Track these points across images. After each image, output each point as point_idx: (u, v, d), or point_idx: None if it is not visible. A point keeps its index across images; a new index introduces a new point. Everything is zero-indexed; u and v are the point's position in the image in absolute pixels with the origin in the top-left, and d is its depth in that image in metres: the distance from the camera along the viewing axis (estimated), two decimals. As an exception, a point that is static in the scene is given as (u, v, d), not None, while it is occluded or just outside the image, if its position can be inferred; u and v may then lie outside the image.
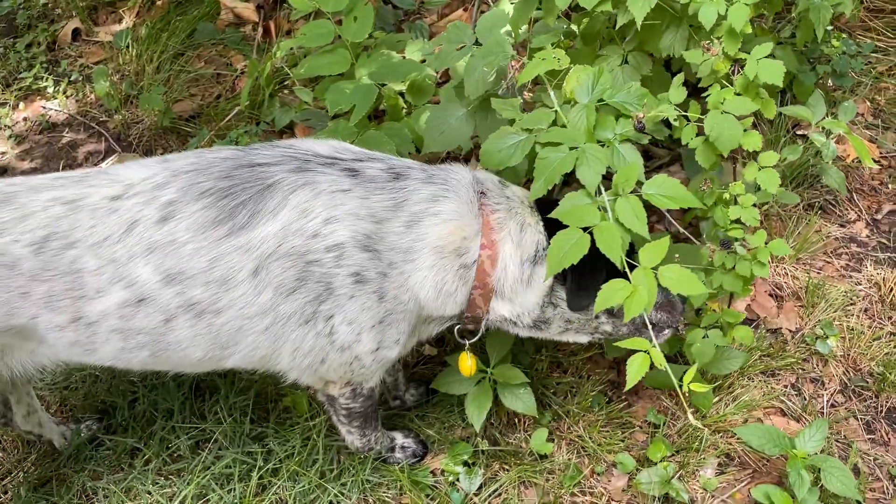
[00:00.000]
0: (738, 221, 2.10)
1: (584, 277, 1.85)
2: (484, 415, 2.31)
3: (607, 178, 1.87)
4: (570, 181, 2.06)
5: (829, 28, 3.19)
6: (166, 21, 4.23)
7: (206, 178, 1.79)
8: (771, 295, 2.87)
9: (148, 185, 1.79)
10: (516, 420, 2.54)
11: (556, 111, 1.94)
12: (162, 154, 3.65)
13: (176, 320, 1.80)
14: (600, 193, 1.80)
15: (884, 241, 3.04)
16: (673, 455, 2.44)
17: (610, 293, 1.68)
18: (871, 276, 2.89)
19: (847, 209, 3.15)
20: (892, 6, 3.80)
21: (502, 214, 1.90)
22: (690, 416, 1.83)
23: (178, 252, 1.74)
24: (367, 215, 1.79)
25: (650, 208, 1.86)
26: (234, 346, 1.88)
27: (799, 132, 3.24)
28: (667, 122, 2.05)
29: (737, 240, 2.13)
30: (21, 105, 4.01)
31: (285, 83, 3.70)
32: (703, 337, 2.24)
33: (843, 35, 3.33)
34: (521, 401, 2.34)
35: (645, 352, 1.72)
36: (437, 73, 3.02)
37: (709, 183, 2.17)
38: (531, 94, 2.43)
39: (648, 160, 3.27)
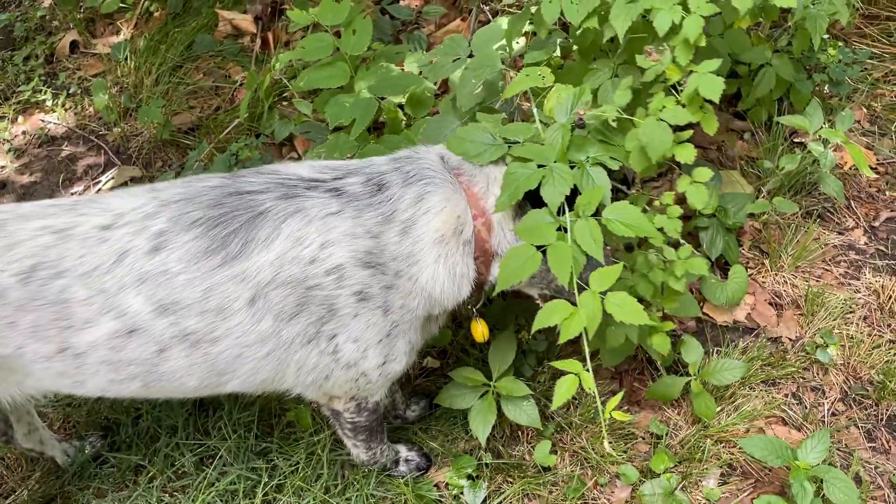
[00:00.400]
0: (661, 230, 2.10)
1: None
2: (488, 428, 2.32)
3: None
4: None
5: (826, 36, 3.22)
6: (164, 33, 4.23)
7: (195, 207, 1.79)
8: (771, 303, 2.88)
9: (138, 215, 1.79)
10: (519, 433, 2.55)
11: (536, 127, 1.96)
12: (161, 167, 3.69)
13: (170, 350, 1.79)
14: (563, 213, 1.82)
15: (882, 248, 3.05)
16: (676, 466, 2.45)
17: (549, 314, 1.74)
18: (870, 283, 2.91)
19: (845, 217, 3.17)
20: (888, 13, 3.82)
21: (482, 184, 1.92)
22: (606, 444, 1.94)
23: (170, 282, 1.74)
24: (364, 233, 1.81)
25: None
26: (233, 372, 1.89)
27: (797, 140, 3.26)
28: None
29: (652, 248, 2.14)
30: (20, 118, 4.02)
31: (284, 95, 3.71)
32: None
33: (840, 43, 3.35)
34: (525, 413, 2.35)
35: (576, 374, 1.81)
36: (436, 85, 3.04)
37: (639, 188, 2.19)
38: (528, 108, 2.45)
39: (647, 169, 3.28)
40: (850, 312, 2.82)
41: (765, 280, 2.94)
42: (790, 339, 2.77)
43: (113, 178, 3.67)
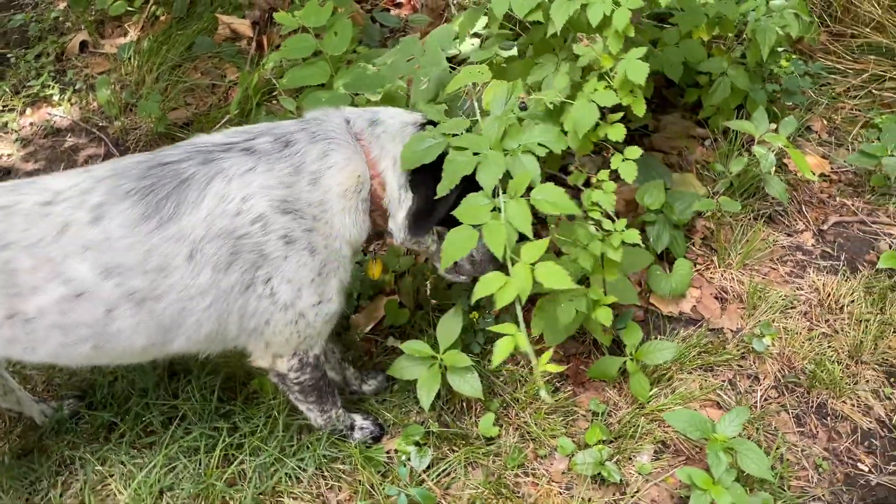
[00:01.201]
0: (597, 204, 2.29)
1: (424, 209, 2.15)
2: (432, 395, 2.48)
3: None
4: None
5: (781, 49, 3.40)
6: (167, 35, 4.49)
7: (126, 180, 1.95)
8: (716, 297, 3.04)
9: (75, 192, 1.94)
10: (468, 407, 2.71)
11: (476, 120, 2.15)
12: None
13: (118, 310, 1.94)
14: (497, 195, 2.00)
15: (828, 250, 3.21)
16: (613, 441, 2.61)
17: (485, 285, 1.92)
18: (813, 282, 3.06)
19: (796, 220, 3.32)
20: (852, 31, 3.99)
21: (377, 151, 2.14)
22: (543, 393, 2.13)
23: (113, 247, 1.90)
24: (277, 183, 1.99)
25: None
26: (178, 328, 2.03)
27: (753, 147, 3.42)
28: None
29: (592, 220, 2.31)
30: (28, 111, 4.26)
31: (274, 93, 3.93)
32: (568, 300, 2.39)
33: (793, 56, 3.52)
34: (469, 384, 2.51)
35: (511, 335, 1.97)
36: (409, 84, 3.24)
37: (578, 166, 2.36)
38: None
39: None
40: (791, 308, 2.98)
41: (713, 276, 3.10)
42: (731, 331, 2.92)
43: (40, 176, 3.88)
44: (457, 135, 2.12)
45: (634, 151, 2.26)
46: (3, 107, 4.28)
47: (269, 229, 1.99)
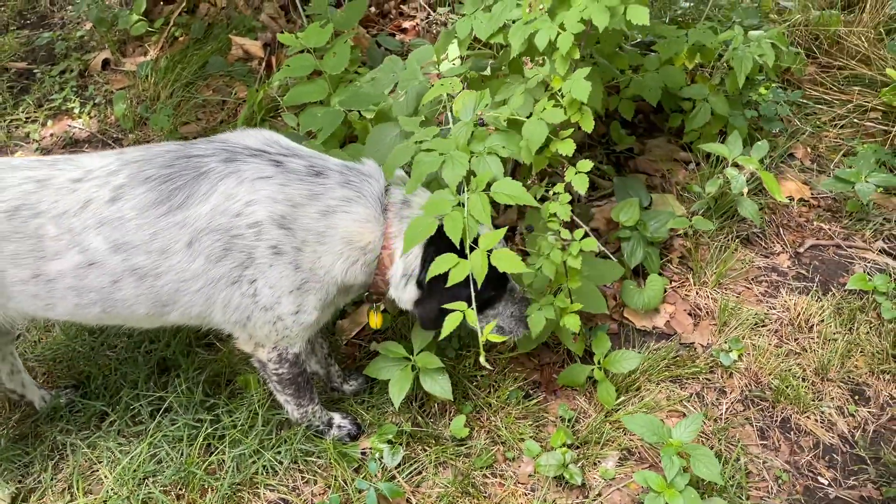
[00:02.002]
0: (554, 216, 2.41)
1: (429, 313, 2.33)
2: (403, 394, 2.59)
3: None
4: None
5: (761, 77, 3.52)
6: (184, 54, 4.73)
7: (150, 166, 2.14)
8: (690, 314, 3.13)
9: (104, 172, 2.14)
10: (442, 410, 2.82)
11: (443, 128, 2.31)
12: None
13: (122, 281, 2.15)
14: (461, 192, 2.14)
15: (803, 271, 3.29)
16: (579, 447, 2.70)
17: (440, 264, 2.07)
18: (785, 301, 3.14)
19: (773, 242, 3.42)
20: (839, 63, 4.11)
21: (396, 231, 2.25)
22: (482, 359, 2.26)
23: (124, 226, 2.09)
24: (284, 199, 2.12)
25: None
26: (173, 304, 2.22)
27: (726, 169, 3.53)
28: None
29: (552, 231, 2.42)
30: (49, 122, 4.50)
31: (279, 110, 4.12)
32: (538, 310, 2.48)
33: (773, 84, 3.63)
34: (439, 385, 2.62)
35: (461, 311, 2.15)
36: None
37: (535, 181, 2.48)
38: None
39: (594, 189, 3.59)
40: (762, 325, 3.06)
41: (688, 293, 3.20)
42: (702, 346, 3.01)
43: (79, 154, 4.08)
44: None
45: (586, 164, 2.38)
46: (27, 118, 4.52)
47: (262, 237, 2.12)
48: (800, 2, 4.53)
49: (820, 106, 4.00)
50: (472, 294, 2.16)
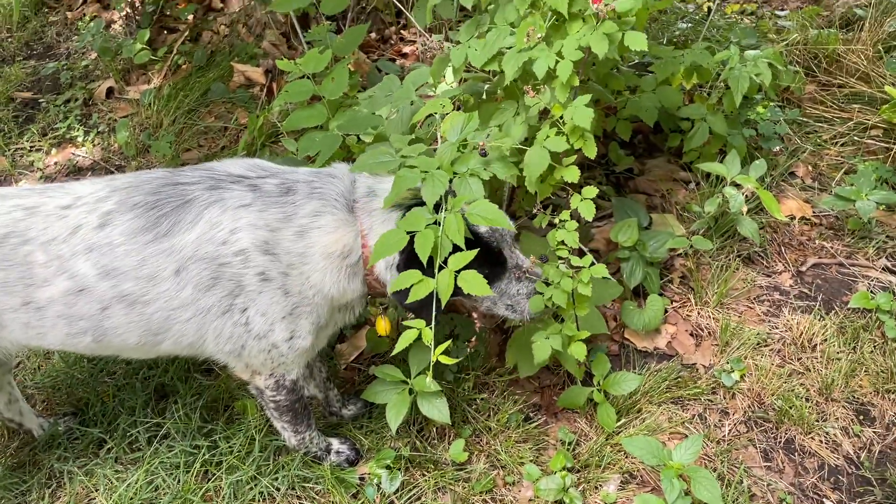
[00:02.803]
0: (563, 243, 2.37)
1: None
2: (400, 418, 2.57)
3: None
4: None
5: (759, 96, 3.52)
6: (187, 82, 4.78)
7: (138, 193, 2.14)
8: (692, 334, 3.10)
9: (93, 198, 2.15)
10: (441, 434, 2.79)
11: (429, 148, 2.30)
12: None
13: (112, 308, 2.13)
14: (439, 211, 2.12)
15: (805, 290, 3.26)
16: (580, 471, 2.66)
17: (403, 280, 2.07)
18: (788, 321, 3.11)
19: (775, 261, 3.39)
20: (839, 81, 4.10)
21: (367, 225, 2.19)
22: (428, 380, 2.26)
23: (113, 252, 2.09)
24: (264, 225, 2.10)
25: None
26: (165, 332, 2.20)
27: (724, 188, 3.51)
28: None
29: (561, 258, 2.38)
30: (53, 151, 4.54)
31: (279, 135, 4.15)
32: (545, 338, 2.46)
33: (771, 103, 3.63)
34: (437, 409, 2.59)
35: (418, 328, 2.15)
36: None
37: (539, 209, 2.47)
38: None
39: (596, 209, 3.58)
40: (764, 345, 3.03)
41: (689, 313, 3.17)
42: (704, 366, 2.98)
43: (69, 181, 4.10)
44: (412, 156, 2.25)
45: (591, 191, 2.37)
46: (31, 147, 4.57)
47: (248, 264, 2.11)
48: (798, 21, 4.55)
49: (820, 124, 3.98)
50: (433, 310, 2.12)
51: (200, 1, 5.44)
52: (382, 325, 2.53)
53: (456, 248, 2.08)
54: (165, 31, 5.33)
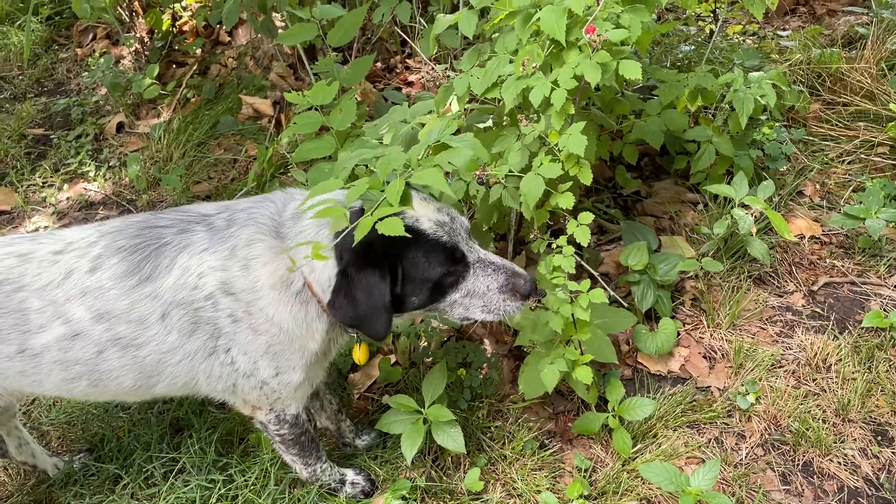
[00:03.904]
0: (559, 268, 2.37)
1: (363, 326, 2.04)
2: (415, 449, 2.56)
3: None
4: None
5: (764, 117, 3.54)
6: (196, 115, 4.84)
7: (122, 237, 2.13)
8: (705, 357, 3.09)
9: (83, 243, 2.14)
10: (456, 463, 2.78)
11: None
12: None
13: (107, 352, 2.11)
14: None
15: (818, 310, 3.25)
16: (596, 498, 2.64)
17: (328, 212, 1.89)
18: (801, 342, 3.09)
19: (786, 281, 3.39)
20: (843, 99, 4.12)
21: (296, 253, 2.00)
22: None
23: (105, 295, 2.07)
24: (220, 266, 2.06)
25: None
26: (158, 375, 2.18)
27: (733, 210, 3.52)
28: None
29: (557, 286, 2.38)
30: (65, 186, 4.59)
31: (289, 166, 4.18)
32: (550, 363, 2.46)
33: (776, 123, 3.64)
34: (452, 438, 2.60)
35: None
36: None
37: (537, 234, 2.48)
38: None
39: (603, 234, 3.60)
40: (779, 367, 3.01)
41: (702, 336, 3.16)
42: (718, 389, 2.96)
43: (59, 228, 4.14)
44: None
45: (587, 217, 2.38)
46: (44, 183, 4.62)
47: (218, 307, 2.08)
48: (800, 41, 4.57)
49: (826, 142, 4.00)
50: (381, 323, 1.99)
51: (208, 35, 5.52)
52: (357, 354, 2.39)
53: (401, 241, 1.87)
54: (174, 66, 5.41)
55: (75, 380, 2.17)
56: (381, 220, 1.83)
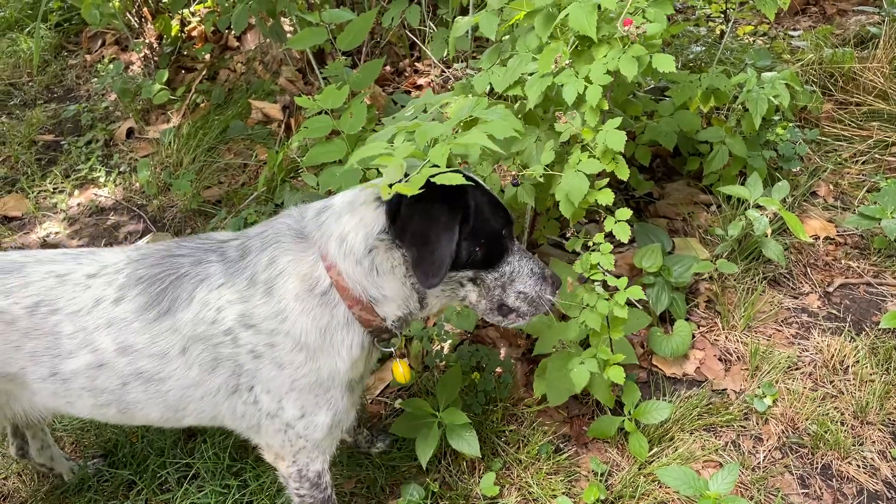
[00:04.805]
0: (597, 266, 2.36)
1: (423, 257, 1.86)
2: (430, 453, 2.55)
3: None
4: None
5: (777, 118, 3.51)
6: (205, 120, 4.84)
7: (144, 266, 2.06)
8: (720, 359, 3.07)
9: (112, 269, 2.08)
10: (471, 467, 2.77)
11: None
12: (190, 233, 4.17)
13: (131, 385, 2.06)
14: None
15: (834, 311, 3.22)
16: (614, 502, 2.62)
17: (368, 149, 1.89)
18: (818, 343, 3.07)
19: (801, 282, 3.36)
20: (856, 99, 4.09)
21: (323, 240, 1.97)
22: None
23: (128, 328, 2.01)
24: (238, 299, 1.99)
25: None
26: (183, 409, 2.12)
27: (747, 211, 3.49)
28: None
29: (595, 281, 2.36)
30: (76, 192, 4.60)
31: (299, 170, 4.18)
32: (581, 363, 2.45)
33: (790, 124, 3.62)
34: (467, 442, 2.58)
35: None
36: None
37: (573, 232, 2.45)
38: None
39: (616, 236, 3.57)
40: (795, 369, 2.99)
41: (717, 338, 3.14)
42: (734, 392, 2.94)
43: (148, 242, 4.15)
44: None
45: (625, 213, 2.36)
46: (54, 189, 4.63)
47: (238, 343, 2.00)
48: (812, 41, 4.55)
49: (839, 142, 3.97)
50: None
51: (217, 40, 5.53)
52: (399, 371, 2.24)
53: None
54: (183, 71, 5.42)
55: (104, 406, 2.14)
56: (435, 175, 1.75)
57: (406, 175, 1.77)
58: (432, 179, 1.76)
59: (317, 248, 1.97)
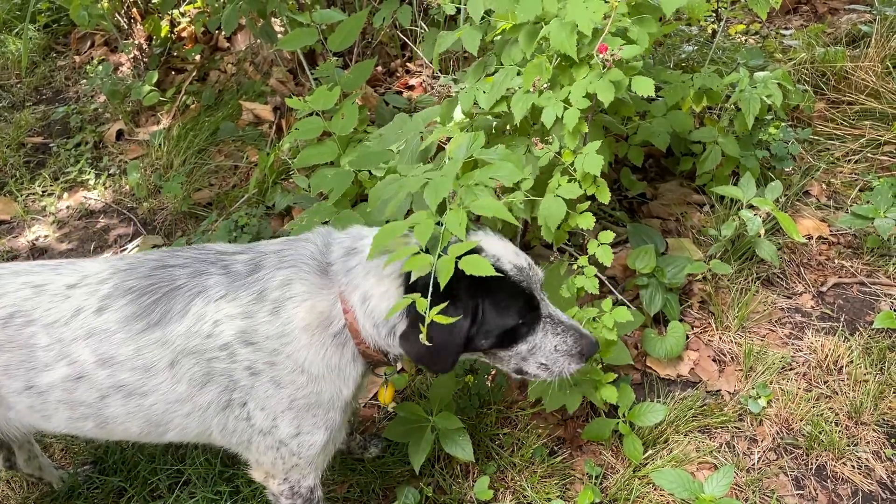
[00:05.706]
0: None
1: (433, 361, 1.90)
2: (423, 457, 2.53)
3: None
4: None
5: (770, 117, 3.50)
6: (196, 122, 4.80)
7: (133, 276, 2.01)
8: (714, 360, 3.06)
9: (95, 279, 2.02)
10: (465, 471, 2.75)
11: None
12: (181, 235, 4.14)
13: (110, 398, 2.00)
14: (442, 213, 1.91)
15: (827, 311, 3.22)
16: (609, 504, 2.62)
17: (399, 255, 1.84)
18: (811, 343, 3.06)
19: (795, 282, 3.35)
20: (848, 98, 4.09)
21: (346, 287, 1.96)
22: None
23: (110, 339, 1.96)
24: (240, 314, 1.94)
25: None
26: (166, 424, 2.06)
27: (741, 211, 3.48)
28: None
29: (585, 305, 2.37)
30: (65, 195, 4.56)
31: (290, 172, 4.15)
32: (573, 385, 2.46)
33: (782, 123, 3.61)
34: (460, 446, 2.56)
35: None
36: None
37: (558, 257, 2.44)
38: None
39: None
40: (789, 369, 2.98)
41: (710, 339, 3.13)
42: (729, 393, 2.93)
43: (138, 245, 4.12)
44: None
45: (607, 235, 2.34)
46: (43, 192, 4.58)
47: (235, 358, 1.96)
48: (803, 40, 4.55)
49: (832, 142, 3.97)
50: (428, 305, 1.81)
51: (207, 41, 5.50)
52: (384, 395, 2.33)
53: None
54: (173, 72, 5.38)
55: (81, 420, 2.08)
56: (461, 256, 1.76)
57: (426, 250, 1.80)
58: (459, 264, 1.75)
59: (338, 289, 1.96)
